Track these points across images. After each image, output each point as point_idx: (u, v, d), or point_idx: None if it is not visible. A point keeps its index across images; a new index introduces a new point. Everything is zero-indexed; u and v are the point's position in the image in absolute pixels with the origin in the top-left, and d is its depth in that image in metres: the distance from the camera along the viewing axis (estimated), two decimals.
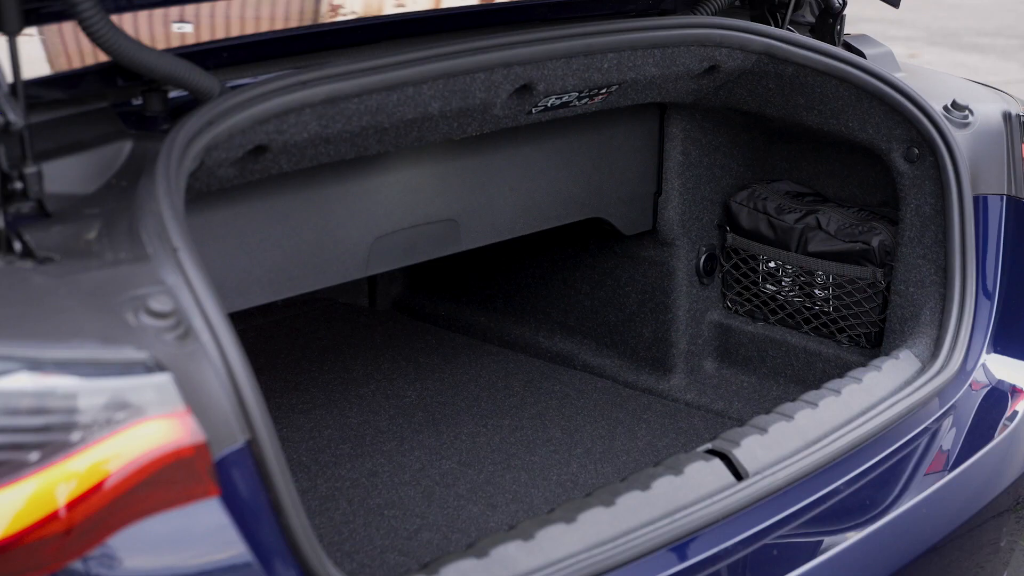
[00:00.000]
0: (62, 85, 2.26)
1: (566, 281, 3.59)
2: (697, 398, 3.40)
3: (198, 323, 1.83)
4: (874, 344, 3.17)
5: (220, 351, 1.83)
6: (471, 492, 2.95)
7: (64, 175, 2.12)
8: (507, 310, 3.73)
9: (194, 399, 1.77)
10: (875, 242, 3.13)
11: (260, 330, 3.76)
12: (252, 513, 1.81)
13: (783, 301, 3.33)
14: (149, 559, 1.70)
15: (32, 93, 2.21)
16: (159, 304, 1.79)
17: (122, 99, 2.30)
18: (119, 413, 1.65)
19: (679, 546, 2.24)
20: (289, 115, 2.26)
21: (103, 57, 2.16)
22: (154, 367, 1.71)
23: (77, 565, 1.66)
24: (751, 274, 3.39)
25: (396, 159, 2.83)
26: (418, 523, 2.83)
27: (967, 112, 3.05)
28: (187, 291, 1.85)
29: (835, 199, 3.31)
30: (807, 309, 3.30)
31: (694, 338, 3.44)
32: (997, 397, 2.84)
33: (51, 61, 2.39)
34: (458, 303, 3.84)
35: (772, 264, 3.33)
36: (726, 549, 2.28)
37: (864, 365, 2.82)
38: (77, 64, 2.39)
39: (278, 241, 2.65)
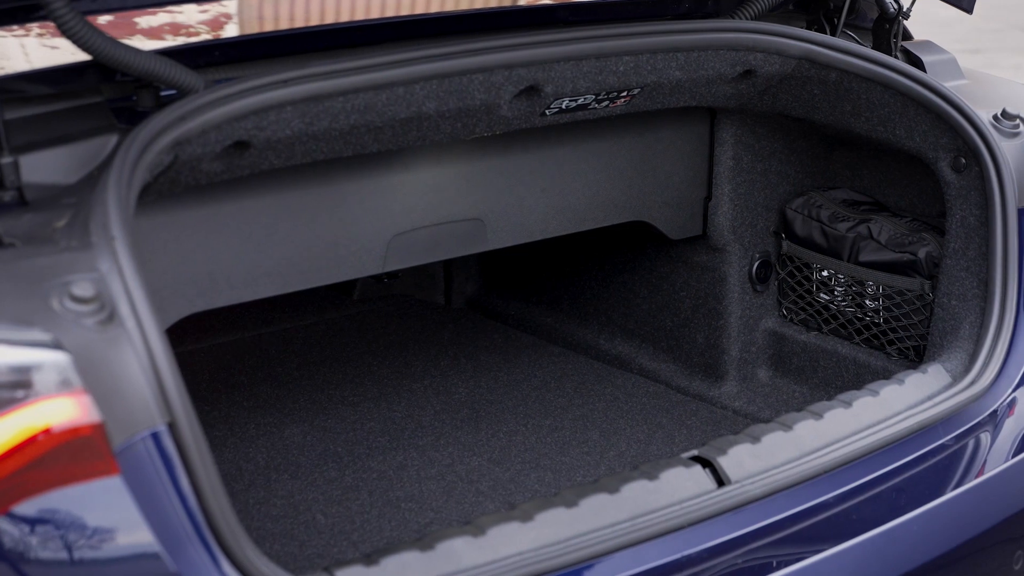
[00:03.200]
0: (60, 80, 2.37)
1: (625, 285, 3.59)
2: (746, 406, 3.36)
3: (124, 310, 1.91)
4: (922, 357, 3.09)
5: (143, 337, 1.90)
6: (492, 489, 2.98)
7: (50, 166, 2.23)
8: (572, 311, 3.75)
9: (106, 381, 1.85)
10: (922, 253, 3.05)
11: (331, 324, 3.85)
12: (168, 495, 1.88)
13: (836, 311, 3.28)
14: (52, 534, 1.79)
15: (29, 88, 2.34)
16: (81, 290, 1.88)
17: (118, 94, 2.40)
18: (17, 392, 1.74)
19: (636, 551, 2.23)
20: (269, 112, 2.33)
21: None
22: (56, 349, 1.80)
23: None
24: (805, 282, 3.34)
25: (417, 158, 2.88)
26: (431, 517, 2.87)
27: (1018, 121, 2.96)
28: (118, 279, 1.93)
29: (894, 208, 3.24)
30: (858, 320, 3.23)
31: (747, 345, 3.40)
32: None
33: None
34: (527, 303, 3.87)
35: (825, 273, 3.27)
36: (689, 557, 2.26)
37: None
38: None
39: (289, 235, 2.73)
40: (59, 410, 1.76)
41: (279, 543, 2.76)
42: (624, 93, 2.82)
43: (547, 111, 2.76)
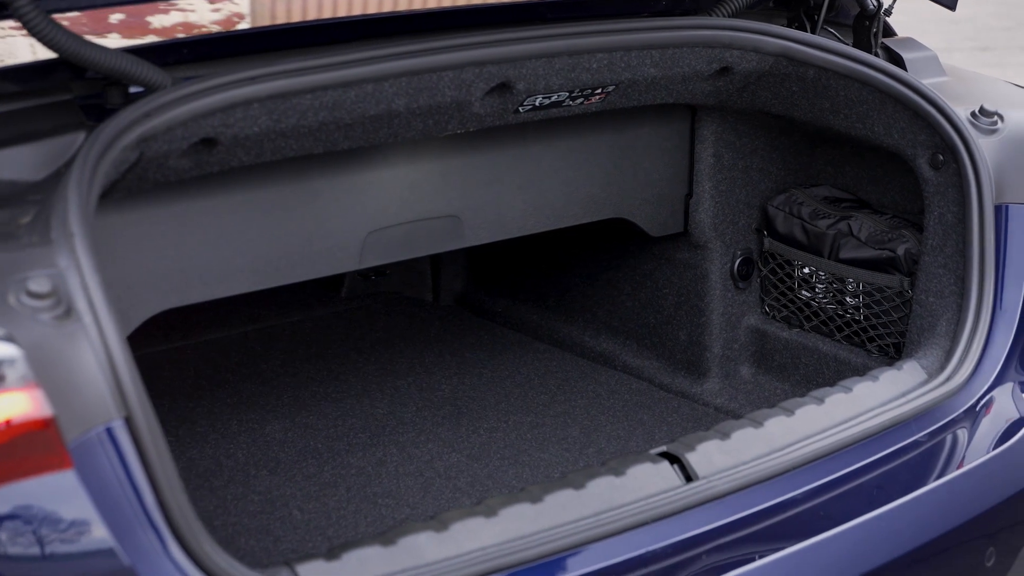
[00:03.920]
0: (30, 77, 2.39)
1: (610, 282, 3.60)
2: (728, 403, 3.36)
3: (81, 305, 1.92)
4: (901, 354, 3.10)
5: (100, 332, 1.92)
6: (469, 486, 2.99)
7: (18, 163, 2.26)
8: (558, 308, 3.76)
9: (62, 376, 1.87)
10: (901, 250, 3.06)
11: (318, 321, 3.86)
12: (123, 489, 1.90)
13: (817, 308, 3.28)
14: (5, 527, 1.81)
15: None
16: (37, 285, 1.90)
17: (87, 92, 2.41)
18: None
19: (600, 546, 2.24)
20: (235, 109, 2.34)
21: None
22: (8, 343, 1.81)
23: None
24: (787, 279, 3.34)
25: (393, 154, 2.89)
26: (407, 513, 2.88)
27: (996, 118, 2.95)
28: (76, 275, 1.94)
29: (876, 205, 3.25)
30: (839, 317, 3.23)
31: (729, 342, 3.40)
32: (999, 417, 2.73)
33: None
34: (514, 300, 3.88)
35: (807, 270, 3.28)
36: (654, 552, 2.27)
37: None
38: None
39: (263, 231, 2.74)
40: (10, 404, 1.77)
41: (254, 538, 2.77)
42: (598, 90, 2.82)
43: (520, 108, 2.76)
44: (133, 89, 2.40)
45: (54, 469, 1.82)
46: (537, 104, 2.77)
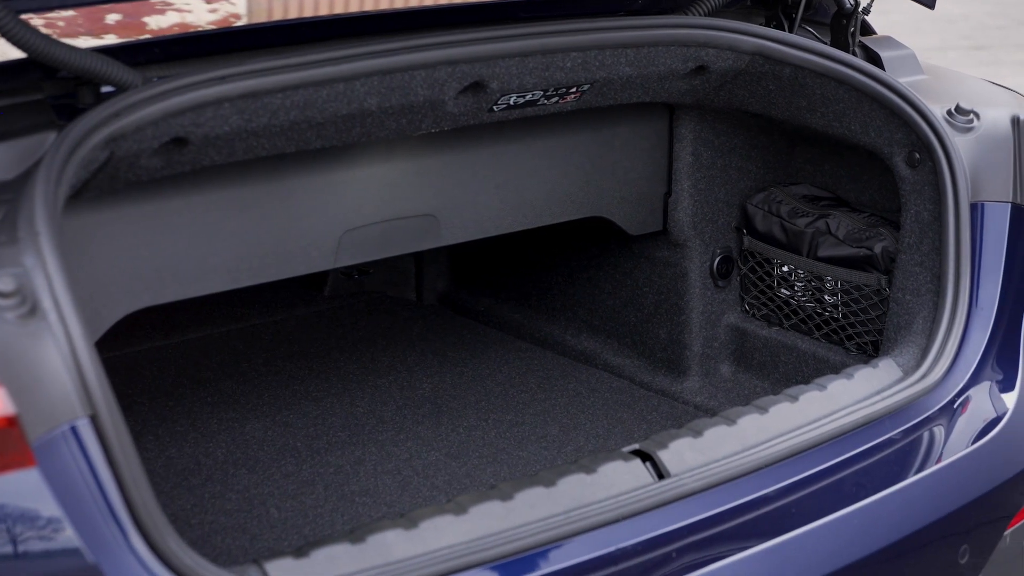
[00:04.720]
0: (2, 77, 2.39)
1: (591, 280, 3.61)
2: (708, 401, 3.37)
3: (46, 304, 1.93)
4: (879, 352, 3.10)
5: (65, 330, 1.92)
6: (447, 484, 3.00)
7: None
8: (540, 307, 3.76)
9: (27, 375, 1.87)
10: (878, 248, 3.06)
11: (300, 320, 3.87)
12: (89, 488, 1.90)
13: (796, 306, 3.29)
14: None
15: None
16: (1, 284, 1.90)
17: (59, 91, 2.42)
18: None
19: (570, 543, 2.25)
20: (206, 108, 2.34)
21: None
22: None
23: None
24: (766, 278, 3.34)
25: (368, 153, 2.89)
26: (384, 511, 2.88)
27: (972, 116, 2.96)
28: (41, 273, 1.95)
29: (856, 203, 3.25)
30: (818, 315, 3.24)
31: (709, 341, 3.41)
32: (974, 415, 2.74)
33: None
34: (497, 299, 3.88)
35: (785, 268, 3.28)
36: (623, 550, 2.27)
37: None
38: None
39: (237, 230, 2.74)
40: None
41: (231, 537, 2.78)
42: (573, 89, 2.83)
43: (495, 107, 2.77)
44: (106, 89, 2.41)
45: (17, 467, 1.83)
46: (512, 103, 2.77)
